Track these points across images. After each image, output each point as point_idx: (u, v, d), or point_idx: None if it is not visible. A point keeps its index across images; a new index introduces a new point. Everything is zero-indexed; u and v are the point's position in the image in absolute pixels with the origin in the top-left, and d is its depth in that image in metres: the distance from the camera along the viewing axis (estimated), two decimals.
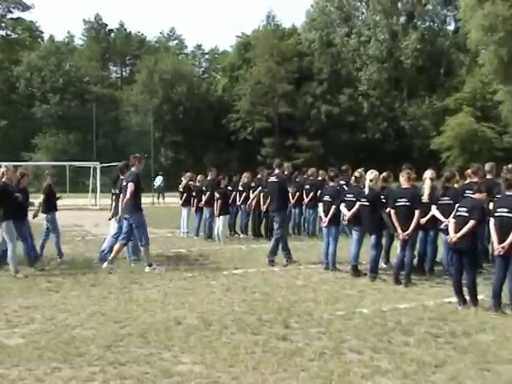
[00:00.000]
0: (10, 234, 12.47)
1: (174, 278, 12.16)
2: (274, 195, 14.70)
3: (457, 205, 10.36)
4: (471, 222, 9.52)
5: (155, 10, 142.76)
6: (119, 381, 6.34)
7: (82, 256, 15.26)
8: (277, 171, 14.96)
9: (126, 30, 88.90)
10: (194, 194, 20.01)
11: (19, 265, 12.69)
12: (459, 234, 9.60)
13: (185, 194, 20.34)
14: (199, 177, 20.48)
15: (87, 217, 26.15)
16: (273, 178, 14.92)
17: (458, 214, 9.89)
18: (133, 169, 13.53)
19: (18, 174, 13.65)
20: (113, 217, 14.69)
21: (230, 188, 19.46)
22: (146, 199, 40.53)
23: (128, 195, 12.94)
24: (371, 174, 12.63)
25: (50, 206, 14.54)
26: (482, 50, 48.62)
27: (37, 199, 14.61)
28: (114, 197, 14.71)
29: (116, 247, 13.46)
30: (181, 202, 20.56)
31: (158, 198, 40.96)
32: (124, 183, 13.40)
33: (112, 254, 13.41)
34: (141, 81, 73.90)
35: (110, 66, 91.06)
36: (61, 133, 66.99)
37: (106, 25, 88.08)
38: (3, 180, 12.70)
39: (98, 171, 38.28)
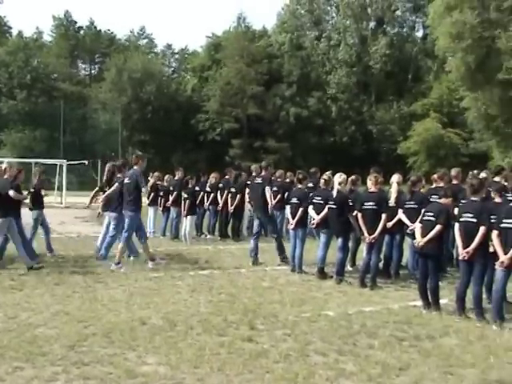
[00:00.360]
0: (1, 232, 12.58)
1: (139, 278, 12.07)
2: (259, 197, 14.71)
3: (423, 209, 10.43)
4: (438, 227, 9.59)
5: (125, 9, 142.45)
6: (82, 381, 6.27)
7: (46, 254, 15.06)
8: (263, 173, 15.00)
9: (95, 27, 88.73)
10: (161, 193, 19.90)
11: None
12: (426, 239, 9.66)
13: (152, 194, 20.20)
14: (167, 177, 20.39)
15: (52, 215, 25.77)
16: (258, 180, 14.95)
17: (424, 218, 9.97)
18: (135, 167, 13.61)
19: (14, 169, 13.63)
20: (104, 212, 14.83)
21: (197, 188, 19.37)
22: None
23: (146, 196, 13.12)
24: (340, 177, 12.67)
25: (37, 203, 14.67)
26: (449, 56, 49.06)
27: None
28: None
29: (143, 247, 13.75)
30: (148, 201, 20.40)
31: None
32: (127, 181, 13.43)
33: (146, 254, 13.74)
34: (110, 79, 73.69)
35: (78, 63, 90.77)
36: (27, 129, 66.45)
37: (76, 22, 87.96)
38: (5, 177, 12.73)
39: (65, 169, 37.93)
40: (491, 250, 9.08)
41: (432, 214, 9.79)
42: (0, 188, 12.49)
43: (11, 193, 12.48)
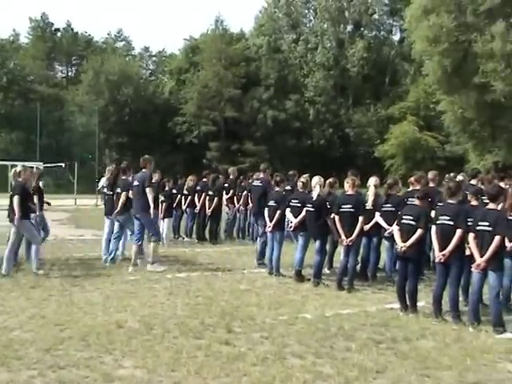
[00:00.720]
0: (31, 232, 12.79)
1: (116, 281, 12.00)
2: (258, 199, 14.67)
3: (399, 212, 10.45)
4: (419, 231, 9.59)
5: (103, 11, 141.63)
6: None
7: (21, 257, 14.91)
8: (262, 175, 14.99)
9: (72, 29, 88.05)
10: None
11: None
12: (408, 243, 9.66)
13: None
14: None
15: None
16: (257, 182, 14.94)
17: (402, 221, 9.97)
18: (144, 170, 13.79)
19: (28, 172, 13.63)
20: (106, 215, 14.99)
21: (174, 191, 19.33)
22: (90, 201, 39.93)
23: (150, 201, 13.36)
24: (319, 179, 12.68)
25: (39, 207, 14.65)
26: (426, 60, 49.38)
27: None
28: (114, 197, 14.57)
29: (134, 249, 13.79)
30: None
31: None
32: (136, 183, 13.61)
33: (133, 257, 13.68)
34: (87, 81, 73.25)
35: (55, 65, 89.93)
36: (3, 132, 66.01)
37: (53, 24, 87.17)
38: (19, 180, 12.74)
39: None
40: (467, 252, 9.15)
41: (411, 217, 9.79)
42: (18, 191, 12.55)
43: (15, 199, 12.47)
